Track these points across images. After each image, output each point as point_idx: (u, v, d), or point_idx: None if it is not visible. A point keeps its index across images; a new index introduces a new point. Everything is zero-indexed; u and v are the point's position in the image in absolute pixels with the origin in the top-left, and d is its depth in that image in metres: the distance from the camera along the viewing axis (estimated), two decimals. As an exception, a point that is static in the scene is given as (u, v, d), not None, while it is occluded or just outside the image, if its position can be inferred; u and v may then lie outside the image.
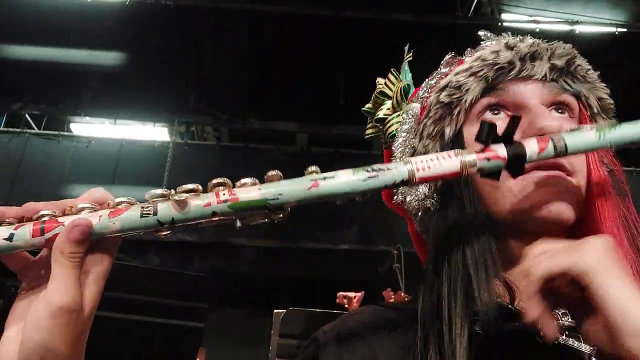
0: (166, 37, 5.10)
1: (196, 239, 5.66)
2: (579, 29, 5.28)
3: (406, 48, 0.70)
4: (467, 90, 0.64)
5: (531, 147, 0.53)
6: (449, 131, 0.65)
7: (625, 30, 5.21)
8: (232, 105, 5.39)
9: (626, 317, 0.42)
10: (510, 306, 0.58)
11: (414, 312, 0.61)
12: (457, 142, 0.64)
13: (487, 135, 0.52)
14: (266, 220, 0.50)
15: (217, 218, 0.49)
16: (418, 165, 0.51)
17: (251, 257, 6.01)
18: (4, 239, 0.46)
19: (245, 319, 6.93)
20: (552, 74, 0.63)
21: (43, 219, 0.48)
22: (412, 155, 0.66)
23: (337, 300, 3.11)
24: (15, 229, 0.47)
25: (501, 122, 0.61)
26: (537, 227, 0.59)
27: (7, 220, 0.48)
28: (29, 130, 6.01)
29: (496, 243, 0.60)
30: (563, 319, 0.57)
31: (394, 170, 0.50)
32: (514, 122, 0.53)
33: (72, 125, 6.66)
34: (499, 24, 5.40)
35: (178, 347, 1.56)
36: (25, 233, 0.47)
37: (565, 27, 5.29)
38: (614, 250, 0.46)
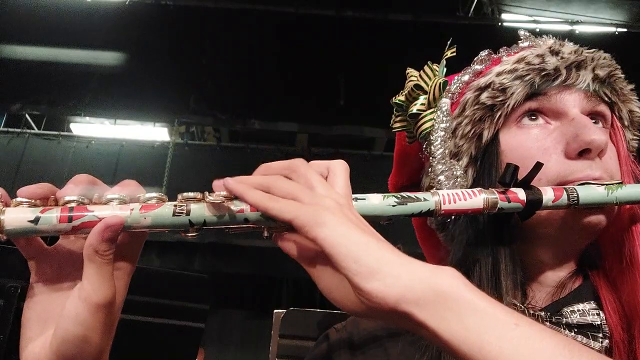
0: (166, 37, 5.11)
1: (197, 240, 5.65)
2: (579, 29, 5.28)
3: (449, 43, 0.68)
4: (511, 93, 0.62)
5: (548, 194, 0.55)
6: (487, 134, 0.64)
7: (625, 30, 5.22)
8: (232, 105, 5.39)
9: (358, 261, 0.42)
10: (521, 305, 0.59)
11: None
12: (493, 146, 0.64)
13: (511, 177, 0.56)
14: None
15: (247, 225, 0.49)
16: (445, 198, 0.53)
17: (251, 257, 6.01)
18: (29, 221, 0.45)
19: (245, 319, 6.93)
20: (594, 85, 0.63)
21: (71, 204, 0.47)
22: (455, 154, 0.66)
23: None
24: (42, 212, 0.46)
25: (537, 129, 0.62)
26: (570, 235, 0.60)
27: (33, 201, 0.47)
28: (29, 131, 6.01)
29: (523, 248, 0.61)
30: (572, 316, 0.57)
31: (422, 200, 0.53)
32: (536, 168, 0.55)
33: (72, 125, 6.65)
34: (499, 24, 5.41)
35: (178, 347, 1.55)
36: (52, 218, 0.45)
37: (566, 27, 5.30)
38: (341, 208, 0.46)
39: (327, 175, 0.52)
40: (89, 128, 6.63)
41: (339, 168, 0.52)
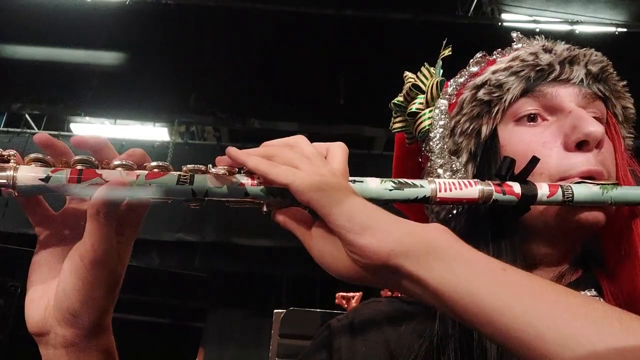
0: (166, 37, 5.10)
1: (197, 239, 5.66)
2: (579, 29, 5.27)
3: (444, 42, 0.69)
4: (507, 89, 0.64)
5: (543, 189, 0.56)
6: (485, 130, 0.65)
7: (625, 30, 5.21)
8: (232, 105, 5.38)
9: (350, 219, 0.44)
10: None
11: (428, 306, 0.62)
12: (492, 141, 0.65)
13: (507, 171, 0.56)
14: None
15: (247, 199, 0.51)
16: (441, 186, 0.54)
17: (251, 257, 6.01)
18: (40, 179, 0.47)
19: (245, 319, 6.93)
20: (588, 80, 0.64)
21: (80, 166, 0.49)
22: (454, 152, 0.67)
23: (336, 301, 3.11)
24: (52, 171, 0.47)
25: (535, 124, 0.63)
26: (567, 232, 0.61)
27: (46, 158, 0.49)
28: (29, 130, 6.01)
29: (523, 241, 0.62)
30: None
31: (418, 187, 0.54)
32: (532, 162, 0.56)
33: (72, 125, 6.65)
34: (499, 24, 5.40)
35: (178, 347, 1.56)
36: (62, 177, 0.47)
37: (565, 27, 5.29)
38: (336, 177, 0.49)
39: (326, 155, 0.54)
40: (89, 128, 6.63)
41: (338, 150, 0.54)
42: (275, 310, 1.77)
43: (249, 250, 5.81)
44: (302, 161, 0.49)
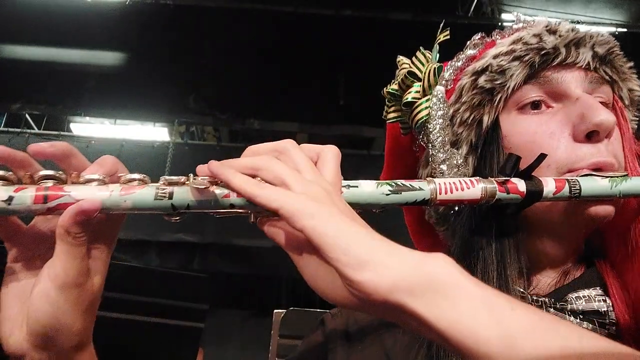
0: (166, 37, 5.10)
1: (196, 240, 5.65)
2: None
3: (441, 26, 0.63)
4: (511, 75, 0.59)
5: (549, 186, 0.53)
6: (487, 119, 0.61)
7: (625, 30, 5.21)
8: (232, 105, 5.38)
9: (347, 252, 0.39)
10: (524, 291, 0.58)
11: None
12: (494, 131, 0.61)
13: (512, 169, 0.53)
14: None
15: (233, 210, 0.47)
16: (441, 187, 0.51)
17: (251, 258, 6.00)
18: (2, 200, 0.42)
19: (245, 319, 6.92)
20: (594, 63, 0.61)
21: (47, 183, 0.44)
22: (453, 143, 0.63)
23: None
24: (15, 191, 0.43)
25: (540, 112, 0.60)
26: (576, 227, 0.58)
27: (8, 175, 0.44)
28: (29, 130, 6.00)
29: (526, 237, 0.60)
30: (577, 302, 0.56)
31: (417, 189, 0.50)
32: (539, 159, 0.53)
33: (72, 125, 6.65)
34: (499, 24, 5.40)
35: (178, 347, 1.55)
36: (26, 198, 0.43)
37: (565, 27, 5.29)
38: (329, 197, 0.44)
39: (316, 161, 0.50)
40: (88, 128, 6.62)
41: (330, 154, 0.50)
42: (275, 310, 1.76)
43: (249, 251, 5.80)
44: (292, 177, 0.45)
